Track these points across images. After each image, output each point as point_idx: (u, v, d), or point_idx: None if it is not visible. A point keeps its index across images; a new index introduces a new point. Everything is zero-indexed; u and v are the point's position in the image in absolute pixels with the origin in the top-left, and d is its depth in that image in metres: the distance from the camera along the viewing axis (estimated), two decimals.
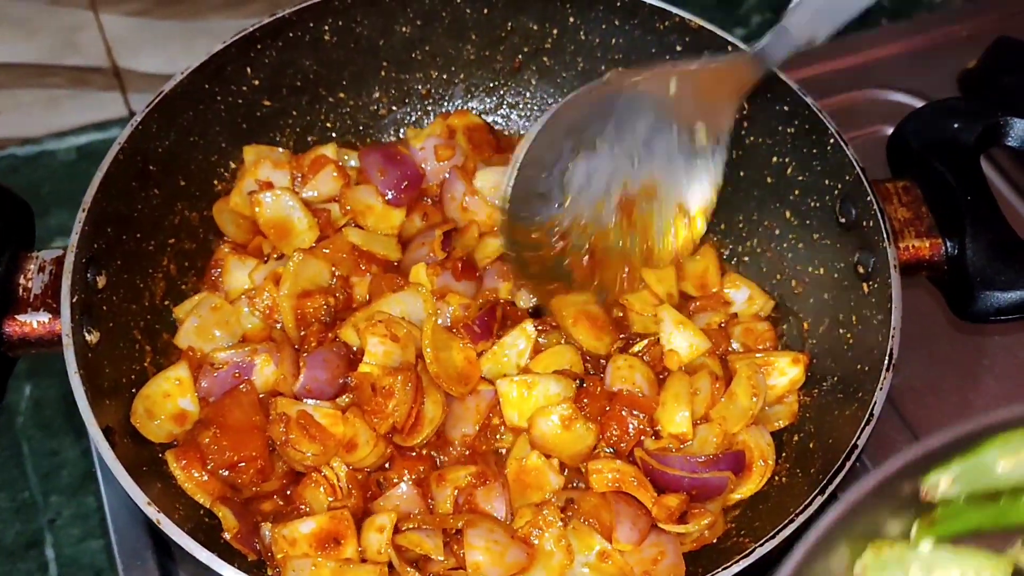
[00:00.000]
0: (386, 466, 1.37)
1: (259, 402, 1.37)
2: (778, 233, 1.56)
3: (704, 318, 1.52)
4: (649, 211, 1.46)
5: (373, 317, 1.40)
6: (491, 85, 1.72)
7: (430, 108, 1.73)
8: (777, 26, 1.36)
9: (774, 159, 1.54)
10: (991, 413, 0.93)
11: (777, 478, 1.39)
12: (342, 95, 1.66)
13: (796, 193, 1.52)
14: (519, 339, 1.43)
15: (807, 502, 1.20)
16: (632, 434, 1.37)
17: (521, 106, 1.74)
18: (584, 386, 1.41)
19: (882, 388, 1.28)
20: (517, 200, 1.36)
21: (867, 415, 1.26)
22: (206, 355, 1.40)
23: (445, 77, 1.70)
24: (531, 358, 1.43)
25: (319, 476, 1.33)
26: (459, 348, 1.41)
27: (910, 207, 1.43)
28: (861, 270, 1.40)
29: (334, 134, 1.68)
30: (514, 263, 1.44)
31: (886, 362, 1.29)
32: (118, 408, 1.33)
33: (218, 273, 1.52)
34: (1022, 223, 1.71)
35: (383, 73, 1.67)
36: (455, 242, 1.53)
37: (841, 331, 1.43)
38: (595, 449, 1.38)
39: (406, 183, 1.57)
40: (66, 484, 1.66)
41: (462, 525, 1.28)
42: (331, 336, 1.42)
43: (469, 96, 1.73)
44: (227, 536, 1.29)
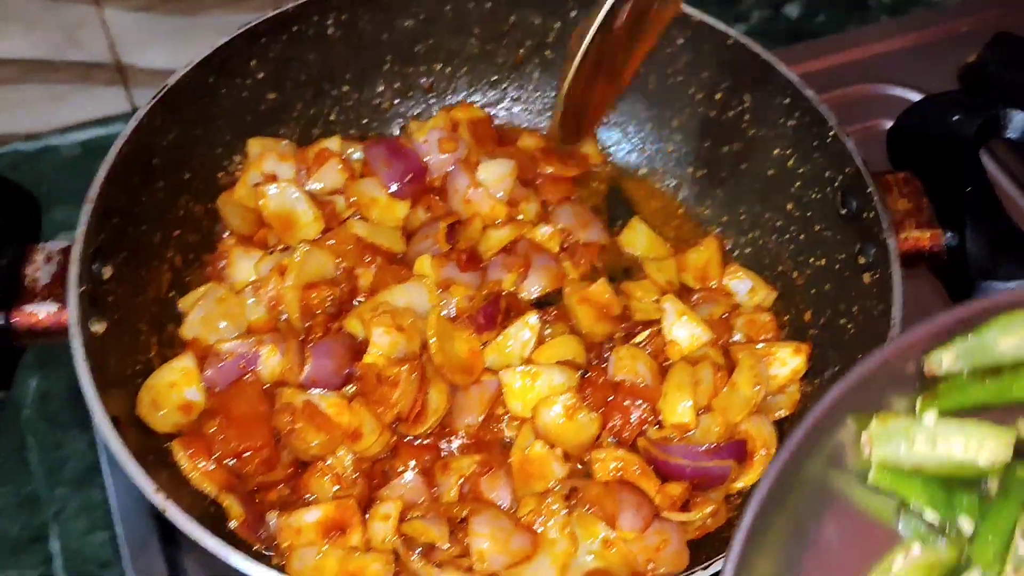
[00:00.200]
0: (391, 455, 1.38)
1: (264, 392, 1.38)
2: (779, 225, 1.57)
3: (707, 309, 1.52)
4: None
5: (378, 308, 1.41)
6: (494, 79, 1.73)
7: (433, 101, 1.73)
8: None
9: (775, 152, 1.55)
10: (992, 296, 0.96)
11: None
12: (346, 89, 1.67)
13: (797, 185, 1.53)
14: (523, 330, 1.43)
15: None
16: (635, 423, 1.38)
17: (524, 99, 1.75)
18: (587, 376, 1.42)
19: None
20: None
21: None
22: (211, 346, 1.40)
23: (448, 71, 1.71)
24: (535, 349, 1.43)
25: (324, 465, 1.33)
26: (463, 339, 1.41)
27: (910, 198, 1.43)
28: (862, 261, 1.41)
29: (338, 127, 1.68)
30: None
31: None
32: (124, 399, 1.33)
33: (223, 265, 1.52)
34: (1021, 215, 1.73)
35: (386, 67, 1.68)
36: (459, 234, 1.54)
37: (843, 321, 1.44)
38: (598, 438, 1.38)
39: (410, 176, 1.58)
40: (71, 477, 1.66)
41: (467, 513, 1.28)
42: (336, 327, 1.42)
43: (472, 89, 1.74)
44: (233, 525, 1.29)
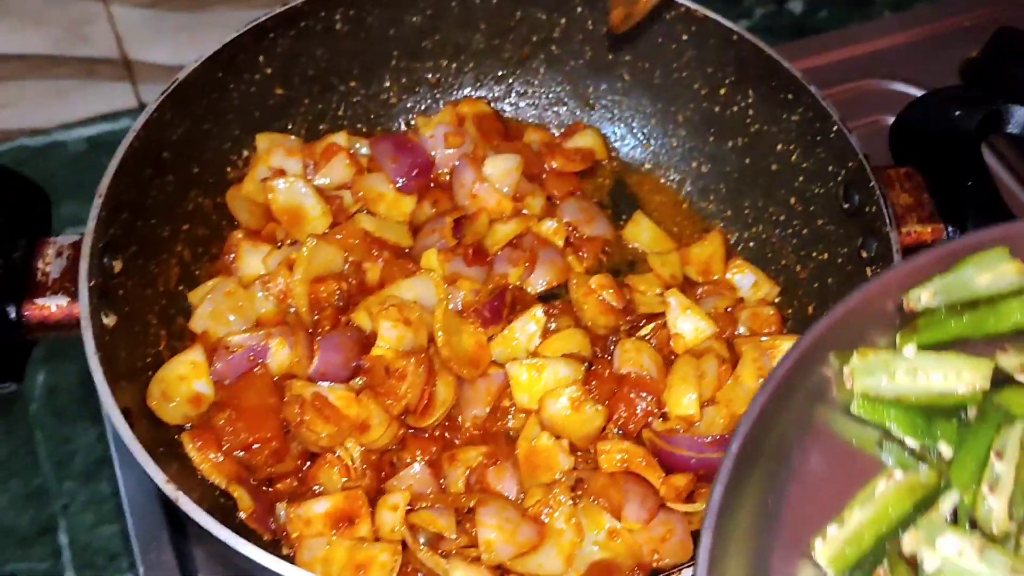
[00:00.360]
0: (399, 447, 1.39)
1: (274, 385, 1.38)
2: (783, 219, 1.58)
3: (711, 303, 1.53)
4: None
5: (386, 302, 1.41)
6: (500, 74, 1.74)
7: (439, 97, 1.74)
8: None
9: (778, 147, 1.56)
10: (967, 235, 0.99)
11: None
12: (353, 84, 1.68)
13: (800, 180, 1.54)
14: (529, 323, 1.44)
15: None
16: (640, 416, 1.39)
17: (529, 95, 1.76)
18: (593, 369, 1.43)
19: None
20: None
21: None
22: (221, 339, 1.41)
23: (455, 66, 1.72)
24: (541, 342, 1.44)
25: (333, 457, 1.34)
26: (470, 332, 1.42)
27: (912, 193, 1.44)
28: (864, 255, 1.42)
29: (345, 122, 1.69)
30: None
31: None
32: (134, 391, 1.34)
33: (232, 259, 1.53)
34: (1022, 209, 1.74)
35: (393, 62, 1.69)
36: (465, 229, 1.55)
37: None
38: (604, 430, 1.39)
39: (417, 171, 1.59)
40: (80, 470, 1.67)
41: (474, 504, 1.29)
42: (344, 320, 1.43)
43: (478, 85, 1.74)
44: (243, 516, 1.31)
